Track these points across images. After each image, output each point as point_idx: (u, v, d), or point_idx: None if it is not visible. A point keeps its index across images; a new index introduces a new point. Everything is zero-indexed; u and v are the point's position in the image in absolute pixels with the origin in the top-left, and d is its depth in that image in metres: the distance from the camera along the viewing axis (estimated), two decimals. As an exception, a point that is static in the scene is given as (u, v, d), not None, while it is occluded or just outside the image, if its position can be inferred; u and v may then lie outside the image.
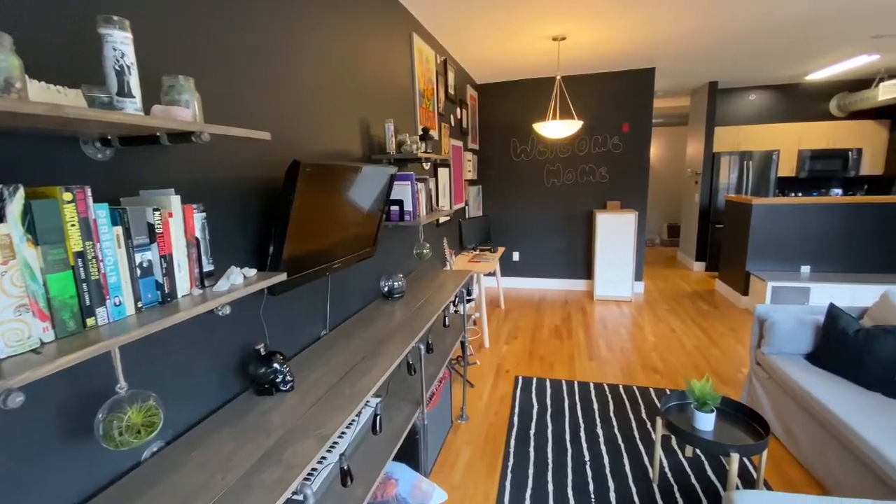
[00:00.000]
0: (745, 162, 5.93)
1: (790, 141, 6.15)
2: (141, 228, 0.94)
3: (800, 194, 6.24)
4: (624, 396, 2.90)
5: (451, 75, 3.95)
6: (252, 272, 1.22)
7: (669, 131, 8.29)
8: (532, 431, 2.55)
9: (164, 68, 1.16)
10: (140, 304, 0.94)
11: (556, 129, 3.66)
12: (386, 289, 2.33)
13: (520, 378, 3.19)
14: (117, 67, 0.88)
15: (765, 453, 1.94)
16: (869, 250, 4.35)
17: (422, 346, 1.79)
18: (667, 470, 2.20)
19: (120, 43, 0.88)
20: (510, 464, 2.27)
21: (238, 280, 1.14)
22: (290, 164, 1.36)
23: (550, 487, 2.09)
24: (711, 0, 2.95)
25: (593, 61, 4.49)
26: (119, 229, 0.90)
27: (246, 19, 1.44)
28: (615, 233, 4.90)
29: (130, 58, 0.90)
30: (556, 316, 4.57)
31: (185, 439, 1.20)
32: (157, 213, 0.96)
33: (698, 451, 2.33)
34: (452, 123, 4.13)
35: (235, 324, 1.42)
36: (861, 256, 4.38)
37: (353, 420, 1.61)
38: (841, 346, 2.26)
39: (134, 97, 0.91)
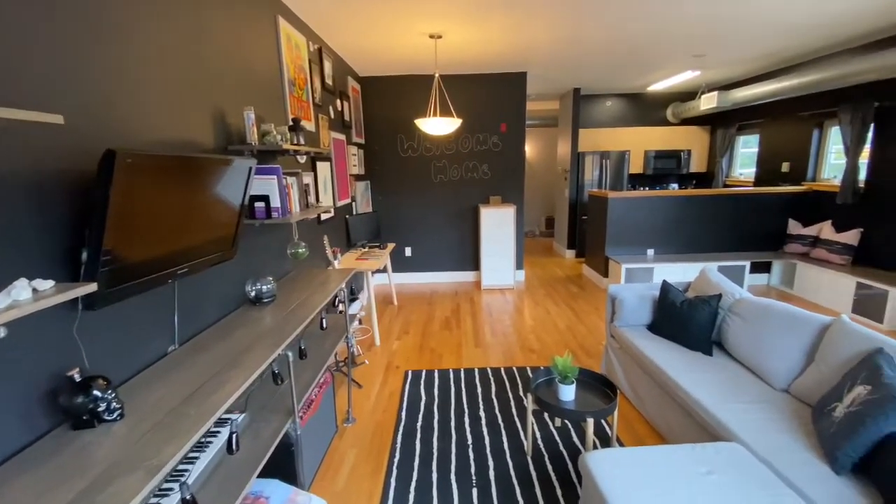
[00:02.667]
0: (604, 161, 6.73)
1: (638, 142, 7.14)
2: None
3: (647, 188, 7.27)
4: (505, 378, 3.09)
5: (327, 65, 3.78)
6: (47, 284, 1.01)
7: (544, 132, 9.03)
8: (419, 424, 2.57)
9: None
10: None
11: (437, 126, 3.73)
12: (253, 294, 2.14)
13: (409, 372, 3.20)
14: None
15: (616, 414, 2.21)
16: (697, 233, 5.25)
17: (290, 353, 1.67)
18: (539, 442, 2.39)
19: None
20: (396, 460, 2.27)
21: (24, 295, 0.93)
22: (103, 155, 1.15)
23: (434, 476, 2.13)
24: (571, 16, 3.25)
25: (470, 62, 4.67)
26: None
27: (34, -25, 1.18)
28: (497, 226, 5.19)
29: None
30: (447, 307, 4.70)
31: (-39, 499, 0.95)
32: None
33: (567, 421, 2.58)
34: (332, 115, 3.96)
35: (38, 347, 1.16)
36: (692, 239, 5.26)
37: (208, 442, 1.45)
38: (670, 315, 2.68)
39: None
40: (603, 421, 2.56)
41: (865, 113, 4.24)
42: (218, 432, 1.53)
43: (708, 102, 5.94)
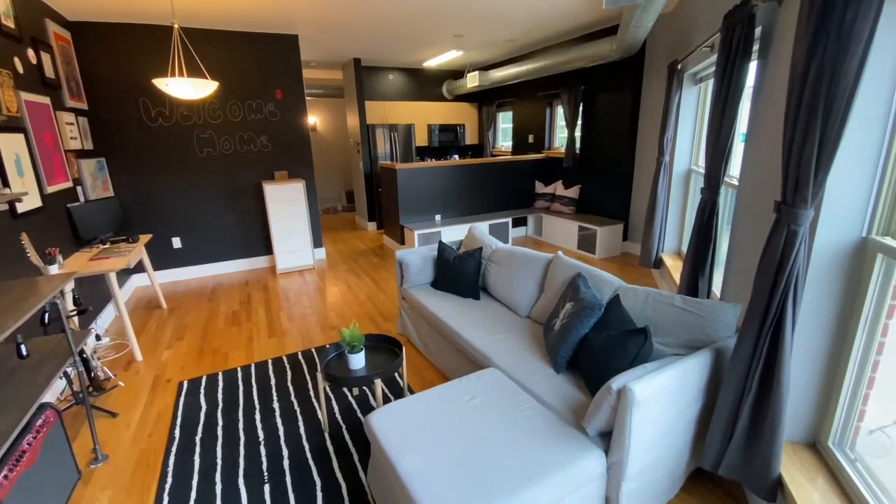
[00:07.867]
0: (393, 133, 6.95)
1: (422, 116, 7.60)
2: None
3: (433, 159, 7.88)
4: (302, 362, 2.96)
5: (-5, -3, 2.71)
6: None
7: (333, 102, 8.75)
8: (198, 437, 2.24)
9: None
10: None
11: (182, 88, 3.12)
12: None
13: (184, 383, 2.74)
14: None
15: (405, 366, 2.36)
16: (473, 197, 5.98)
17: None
18: (338, 415, 2.38)
19: None
20: (167, 486, 1.93)
21: None
22: None
23: (219, 488, 1.90)
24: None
25: (223, 16, 4.05)
26: None
27: None
28: (287, 203, 4.83)
29: None
30: (234, 301, 4.19)
31: None
32: None
33: (365, 388, 2.64)
34: (21, 70, 2.90)
35: None
36: (469, 202, 5.96)
37: None
38: (447, 271, 2.98)
39: None
40: (396, 375, 2.71)
41: (577, 94, 5.45)
42: None
43: (472, 81, 6.70)
